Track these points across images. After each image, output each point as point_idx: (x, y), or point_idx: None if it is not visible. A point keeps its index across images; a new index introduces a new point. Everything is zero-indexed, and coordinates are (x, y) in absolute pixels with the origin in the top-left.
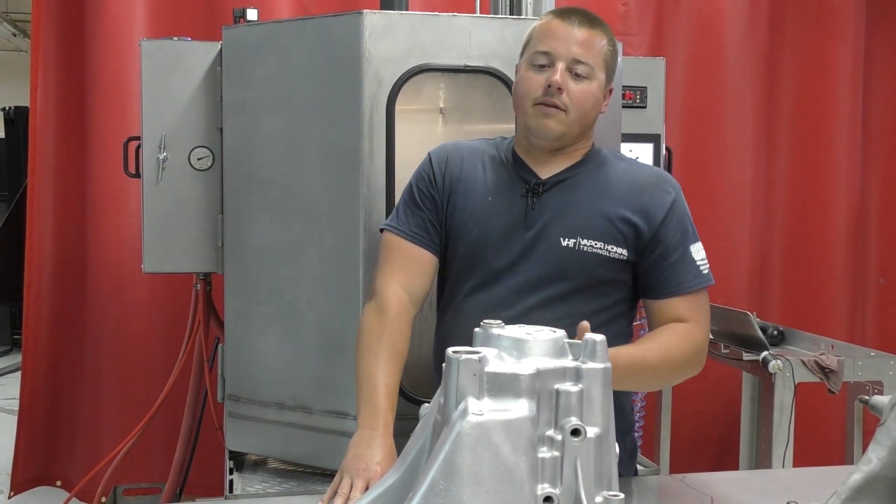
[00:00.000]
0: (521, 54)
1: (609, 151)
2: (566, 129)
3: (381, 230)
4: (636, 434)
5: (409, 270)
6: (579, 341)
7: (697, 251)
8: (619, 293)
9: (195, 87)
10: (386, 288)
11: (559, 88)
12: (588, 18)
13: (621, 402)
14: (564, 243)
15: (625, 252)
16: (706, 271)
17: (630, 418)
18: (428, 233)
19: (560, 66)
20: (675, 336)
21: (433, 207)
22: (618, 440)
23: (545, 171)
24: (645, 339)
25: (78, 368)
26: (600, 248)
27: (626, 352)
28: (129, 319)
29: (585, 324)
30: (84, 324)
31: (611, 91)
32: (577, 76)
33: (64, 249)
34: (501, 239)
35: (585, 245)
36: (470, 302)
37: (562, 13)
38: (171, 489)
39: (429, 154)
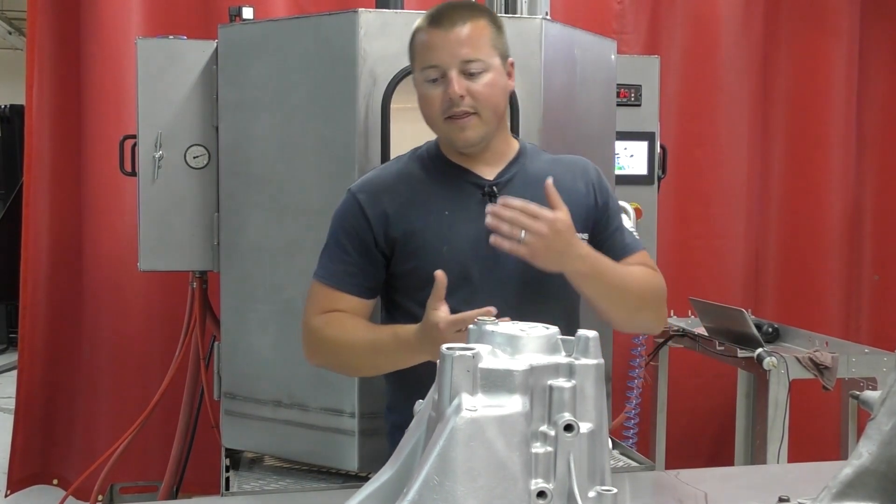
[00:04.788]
0: (412, 66)
1: (527, 143)
2: (486, 129)
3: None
4: (632, 430)
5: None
6: (572, 338)
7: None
8: None
9: (191, 86)
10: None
11: (461, 97)
12: (461, 11)
13: None
14: None
15: (586, 235)
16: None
17: None
18: (355, 275)
19: (452, 74)
20: (642, 269)
21: (361, 247)
22: None
23: (488, 172)
24: None
25: (74, 367)
26: None
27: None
28: (125, 318)
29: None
30: (80, 322)
31: (511, 63)
32: (472, 75)
33: (60, 248)
34: (473, 248)
35: None
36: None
37: (434, 18)
38: (167, 487)
39: (350, 192)
